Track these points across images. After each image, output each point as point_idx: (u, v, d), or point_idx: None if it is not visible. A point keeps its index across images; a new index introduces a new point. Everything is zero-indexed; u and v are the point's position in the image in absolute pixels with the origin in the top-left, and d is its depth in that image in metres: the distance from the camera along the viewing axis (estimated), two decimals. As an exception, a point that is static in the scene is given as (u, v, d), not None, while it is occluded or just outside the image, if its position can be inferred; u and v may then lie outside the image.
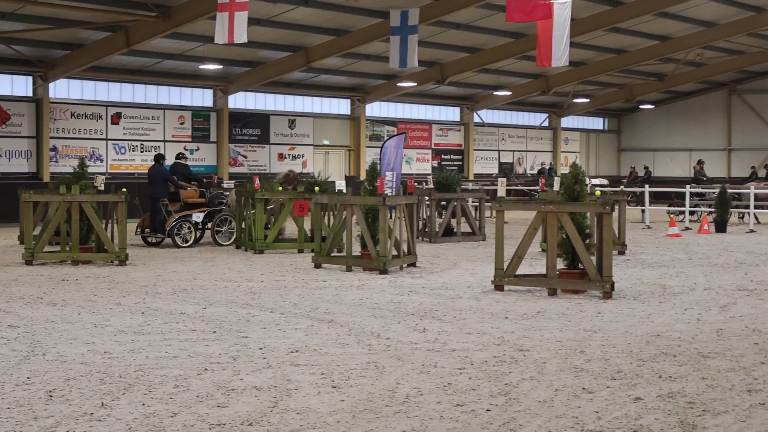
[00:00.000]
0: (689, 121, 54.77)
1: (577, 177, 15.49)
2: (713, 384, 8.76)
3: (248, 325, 11.96)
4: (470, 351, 10.27)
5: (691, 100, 54.68)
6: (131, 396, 8.22)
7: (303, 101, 42.65)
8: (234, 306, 13.59)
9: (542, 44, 26.76)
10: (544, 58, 26.78)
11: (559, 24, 26.22)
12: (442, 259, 20.77)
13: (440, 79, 41.34)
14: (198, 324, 11.99)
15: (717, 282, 16.56)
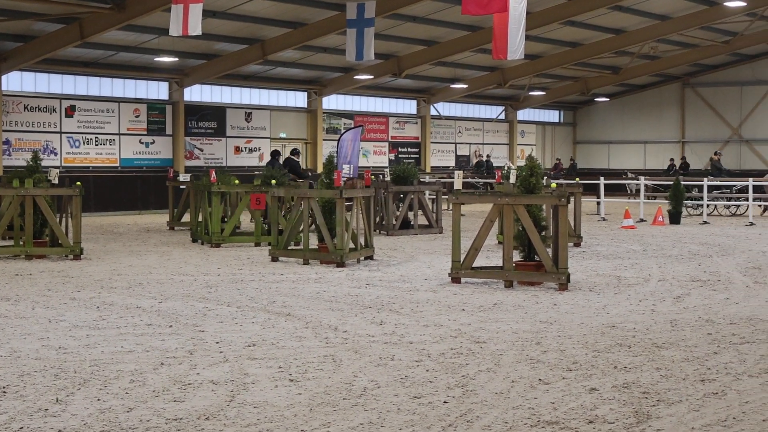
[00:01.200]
0: (644, 114, 55.18)
1: (533, 169, 15.56)
2: (667, 374, 8.85)
3: (205, 319, 11.91)
4: (427, 343, 10.30)
5: (645, 92, 55.08)
6: (86, 391, 8.17)
7: (259, 94, 42.50)
8: (190, 300, 13.54)
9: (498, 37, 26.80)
10: (500, 51, 26.82)
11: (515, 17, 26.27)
12: (399, 251, 20.80)
13: (397, 72, 41.36)
14: (154, 318, 11.93)
15: (671, 273, 16.72)
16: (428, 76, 45.58)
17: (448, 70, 44.69)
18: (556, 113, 57.73)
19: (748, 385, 8.45)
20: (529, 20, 29.84)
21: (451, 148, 51.09)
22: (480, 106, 52.66)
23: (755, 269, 17.29)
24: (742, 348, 10.06)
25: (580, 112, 57.94)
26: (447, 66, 43.50)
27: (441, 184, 29.65)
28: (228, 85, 40.89)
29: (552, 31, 39.36)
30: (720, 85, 52.65)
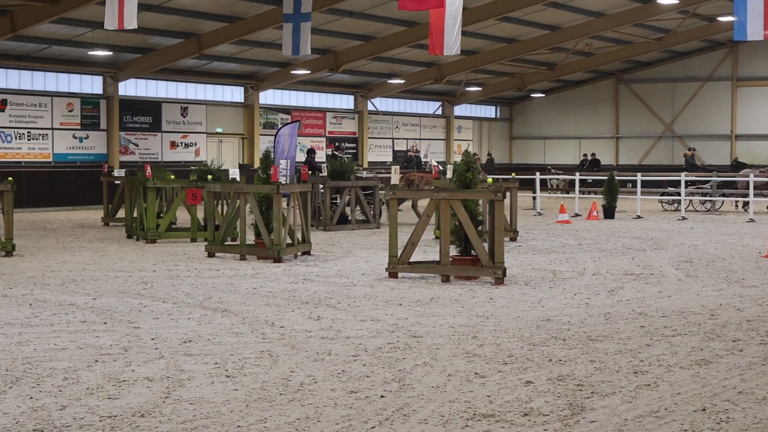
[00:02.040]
0: (579, 110, 55.68)
1: (470, 165, 15.63)
2: (601, 366, 8.95)
3: (140, 315, 11.82)
4: (364, 338, 10.31)
5: (580, 89, 55.59)
6: (18, 389, 8.06)
7: (195, 88, 42.19)
8: (125, 296, 13.41)
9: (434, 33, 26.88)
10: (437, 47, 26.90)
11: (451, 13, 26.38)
12: (336, 247, 20.80)
13: (334, 67, 41.29)
14: (88, 315, 11.81)
15: (605, 267, 16.91)
16: (365, 71, 45.58)
17: (386, 66, 44.72)
18: (493, 109, 58.05)
19: (679, 376, 8.57)
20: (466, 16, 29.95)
21: (388, 144, 51.16)
22: (417, 101, 52.78)
23: (687, 263, 17.55)
24: (674, 340, 10.21)
25: (517, 108, 58.32)
26: (384, 61, 43.52)
27: (378, 179, 29.68)
28: (163, 79, 40.53)
29: (488, 27, 39.55)
30: (653, 82, 53.28)
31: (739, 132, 50.93)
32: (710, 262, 17.61)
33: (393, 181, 26.54)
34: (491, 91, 52.97)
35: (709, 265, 17.25)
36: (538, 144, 56.64)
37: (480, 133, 56.92)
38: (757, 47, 48.45)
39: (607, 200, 29.83)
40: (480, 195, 15.59)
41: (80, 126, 37.59)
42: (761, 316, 11.79)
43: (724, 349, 9.77)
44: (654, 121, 53.41)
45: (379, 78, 47.13)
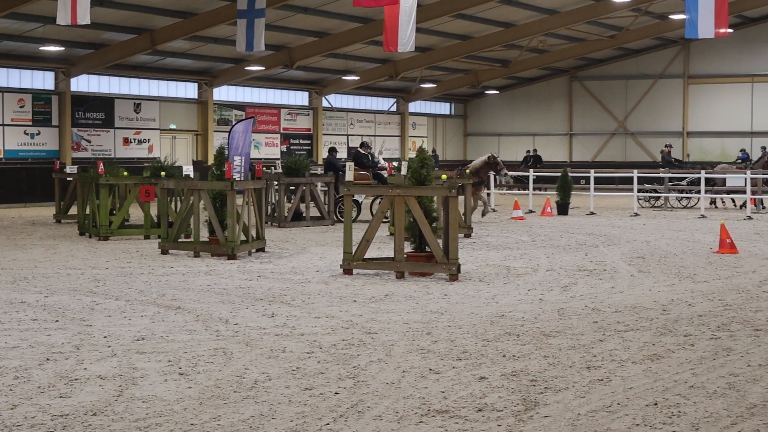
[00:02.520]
0: (532, 107, 55.97)
1: (424, 161, 15.65)
2: (554, 362, 9.01)
3: (92, 313, 11.72)
4: (319, 335, 10.30)
5: (534, 86, 55.87)
6: (-31, 388, 7.97)
7: (149, 84, 41.92)
8: (77, 294, 13.30)
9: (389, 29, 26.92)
10: (391, 44, 26.94)
11: (406, 9, 26.42)
12: (291, 243, 20.76)
13: (289, 64, 41.21)
14: (39, 313, 11.69)
15: (559, 263, 17.01)
16: (320, 67, 45.52)
17: (340, 62, 44.70)
18: (447, 105, 58.19)
19: (632, 371, 8.64)
20: (420, 13, 30.00)
21: (343, 140, 51.12)
22: (372, 98, 52.79)
23: (639, 259, 17.70)
24: (626, 335, 10.29)
25: (471, 105, 58.51)
26: (339, 58, 43.50)
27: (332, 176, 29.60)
28: (116, 75, 40.23)
29: (443, 24, 39.66)
30: (606, 79, 53.67)
31: (690, 129, 51.45)
32: (662, 258, 17.77)
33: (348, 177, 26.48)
34: (446, 88, 53.10)
35: (661, 260, 17.41)
36: (492, 141, 56.85)
37: (435, 130, 57.05)
38: (708, 45, 48.97)
39: (560, 197, 30.00)
40: (434, 191, 15.62)
41: (32, 122, 37.23)
42: (712, 311, 11.92)
43: (675, 343, 9.86)
44: (607, 118, 53.80)
45: (333, 74, 47.09)
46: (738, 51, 49.49)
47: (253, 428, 6.92)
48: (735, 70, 49.91)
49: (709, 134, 50.33)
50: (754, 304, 12.42)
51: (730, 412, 7.33)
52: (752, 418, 7.18)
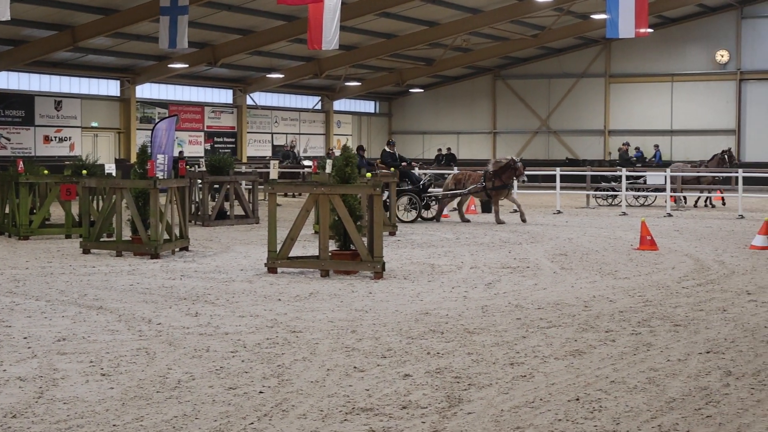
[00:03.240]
0: (457, 105, 56.26)
1: (349, 159, 15.66)
2: (478, 359, 9.07)
3: (12, 314, 11.53)
4: (243, 334, 10.26)
5: (458, 84, 56.16)
6: None
7: (70, 82, 41.34)
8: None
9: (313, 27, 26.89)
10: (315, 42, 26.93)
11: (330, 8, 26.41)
12: (215, 242, 20.63)
13: (212, 61, 40.94)
14: (-43, 314, 11.48)
15: (483, 260, 17.13)
16: (244, 65, 45.30)
17: (265, 60, 44.52)
18: (372, 104, 58.26)
19: (554, 367, 8.74)
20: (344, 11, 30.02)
21: (267, 138, 50.93)
22: (297, 96, 52.67)
23: (562, 256, 17.89)
24: (549, 332, 10.40)
25: (396, 103, 58.64)
26: (263, 56, 43.33)
27: (257, 174, 29.53)
28: (36, 72, 39.60)
29: (367, 23, 39.71)
30: (529, 78, 54.15)
31: (612, 127, 52.12)
32: (584, 255, 17.99)
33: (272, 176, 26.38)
34: (370, 86, 53.16)
35: (583, 257, 17.62)
36: (417, 139, 57.05)
37: (359, 128, 57.10)
38: (629, 45, 49.66)
39: (485, 195, 30.14)
40: (359, 189, 15.64)
41: (-52, 120, 36.49)
42: (633, 307, 12.10)
43: (597, 339, 9.99)
44: (530, 116, 54.29)
45: (258, 72, 46.89)
46: (658, 51, 50.27)
47: (177, 428, 6.87)
48: (655, 69, 50.68)
49: (630, 133, 51.00)
50: (673, 300, 12.64)
51: (650, 406, 7.45)
52: (672, 412, 7.31)
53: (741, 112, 49.21)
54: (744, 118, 49.24)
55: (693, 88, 50.18)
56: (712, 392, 7.86)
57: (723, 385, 8.10)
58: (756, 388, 8.01)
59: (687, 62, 50.09)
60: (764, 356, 9.21)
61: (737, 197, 29.01)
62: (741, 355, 9.27)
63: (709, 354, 9.31)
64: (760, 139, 48.01)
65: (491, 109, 55.48)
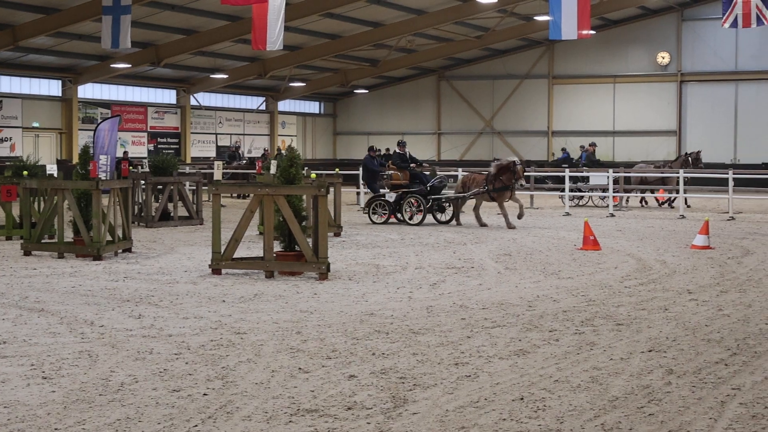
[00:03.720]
0: (401, 106, 56.34)
1: (293, 160, 15.63)
2: (423, 359, 9.09)
3: (-49, 316, 11.36)
4: (187, 336, 10.19)
5: (403, 85, 56.25)
6: None
7: (10, 81, 40.80)
8: (-65, 297, 12.87)
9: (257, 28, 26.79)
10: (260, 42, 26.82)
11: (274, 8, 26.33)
12: (158, 243, 20.48)
13: (156, 61, 40.64)
14: None
15: (427, 261, 17.17)
16: (188, 65, 45.02)
17: (208, 60, 44.28)
18: (317, 104, 58.16)
19: (499, 367, 8.78)
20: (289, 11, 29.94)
21: (212, 139, 50.66)
22: (241, 96, 52.44)
23: (506, 256, 17.99)
24: (493, 332, 10.45)
25: (341, 104, 58.61)
26: (207, 56, 43.09)
27: (201, 175, 29.36)
28: (-25, 72, 39.08)
29: (312, 23, 39.64)
30: (473, 79, 54.37)
31: (555, 128, 52.50)
32: (528, 255, 18.10)
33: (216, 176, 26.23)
34: (315, 87, 53.08)
35: (527, 257, 17.73)
36: (362, 139, 57.04)
37: (304, 129, 56.98)
38: (572, 46, 50.07)
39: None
40: (303, 190, 15.61)
41: None
42: (576, 306, 12.19)
43: (541, 339, 10.05)
44: (474, 117, 54.52)
45: (201, 72, 46.63)
46: (600, 52, 50.73)
47: (120, 432, 6.81)
48: (597, 70, 51.13)
49: (573, 134, 51.41)
50: (616, 300, 12.76)
51: (593, 405, 7.51)
52: (614, 410, 7.37)
53: (682, 113, 49.81)
54: (684, 119, 49.84)
55: (635, 89, 50.70)
56: (654, 390, 7.94)
57: (665, 383, 8.19)
58: (697, 386, 8.10)
59: (629, 64, 50.61)
60: (705, 354, 9.33)
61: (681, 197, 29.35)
62: (682, 353, 9.38)
63: (652, 353, 9.40)
64: (700, 140, 48.57)
65: (436, 109, 55.63)
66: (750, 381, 8.27)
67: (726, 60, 48.45)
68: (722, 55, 48.43)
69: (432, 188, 25.35)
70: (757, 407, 7.45)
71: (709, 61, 48.78)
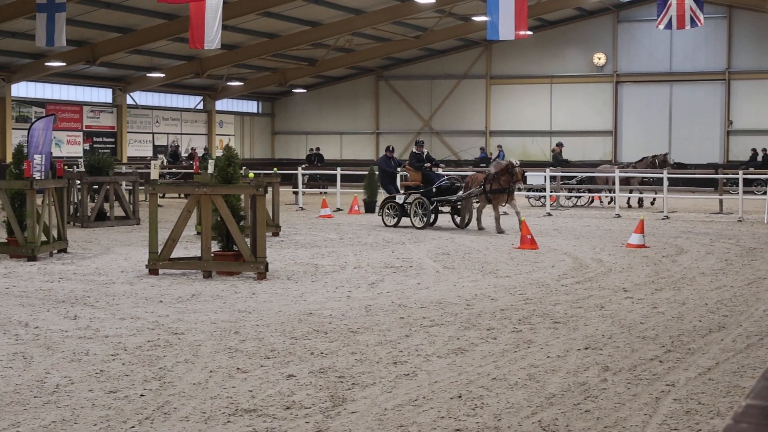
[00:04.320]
0: (340, 106, 56.29)
1: (231, 159, 15.56)
2: (362, 358, 9.10)
3: None
4: (124, 336, 10.10)
5: (341, 85, 56.20)
6: None
7: (-59, 80, 40.13)
8: None
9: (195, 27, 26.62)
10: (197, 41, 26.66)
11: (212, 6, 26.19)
12: (94, 244, 20.27)
13: (91, 60, 40.16)
14: None
15: (366, 260, 17.19)
16: (124, 64, 44.58)
17: (145, 59, 43.88)
18: (255, 104, 57.91)
19: (437, 365, 8.82)
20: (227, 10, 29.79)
21: (148, 138, 50.21)
22: (178, 95, 52.03)
23: (444, 255, 18.06)
24: (432, 330, 10.49)
25: (279, 103, 58.41)
26: (143, 54, 42.70)
27: (138, 174, 29.10)
28: None
29: (249, 22, 39.46)
30: (412, 79, 54.47)
31: (493, 128, 52.77)
32: (466, 254, 18.19)
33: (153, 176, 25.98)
34: (253, 86, 52.84)
35: (465, 256, 17.82)
36: (301, 139, 56.91)
37: (242, 128, 56.70)
38: (509, 47, 50.37)
39: (368, 195, 30.28)
40: (241, 190, 15.55)
41: None
42: (514, 305, 12.28)
43: (479, 337, 10.11)
44: (413, 117, 54.62)
45: (138, 71, 46.20)
46: (538, 53, 51.09)
47: (55, 434, 6.73)
48: (535, 71, 51.49)
49: (511, 133, 51.73)
50: (553, 298, 12.87)
51: (530, 402, 7.58)
52: (551, 407, 7.44)
53: (618, 113, 50.34)
54: (621, 119, 50.38)
55: (571, 89, 51.14)
56: (590, 387, 8.03)
57: (601, 380, 8.28)
58: (632, 382, 8.20)
59: (566, 64, 51.03)
60: (640, 351, 9.44)
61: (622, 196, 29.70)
62: (618, 350, 9.49)
63: (588, 350, 9.50)
64: (635, 139, 49.15)
65: (374, 109, 55.67)
66: (684, 377, 8.39)
67: (661, 61, 49.07)
68: (657, 56, 49.04)
69: (438, 189, 23.97)
70: (690, 403, 7.57)
71: (645, 62, 49.36)
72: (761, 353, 9.34)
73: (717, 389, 7.98)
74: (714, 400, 7.67)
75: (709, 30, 46.05)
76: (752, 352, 9.44)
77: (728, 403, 7.54)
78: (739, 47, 47.73)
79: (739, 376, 8.42)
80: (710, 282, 14.50)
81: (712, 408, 7.44)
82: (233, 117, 55.96)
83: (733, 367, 8.79)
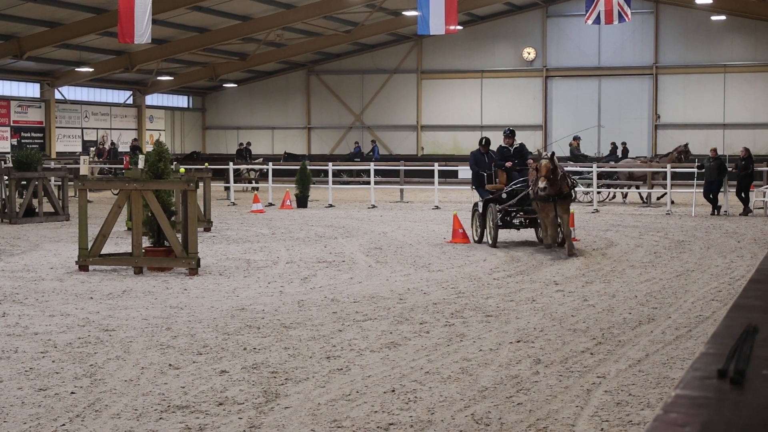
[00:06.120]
0: (271, 100, 56.08)
1: (162, 155, 15.44)
2: (295, 353, 9.09)
3: None
4: (53, 333, 9.98)
5: (272, 79, 55.99)
6: None
7: None
8: None
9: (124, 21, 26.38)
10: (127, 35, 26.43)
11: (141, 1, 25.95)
12: (23, 240, 19.98)
13: (18, 54, 39.54)
14: None
15: (298, 255, 17.16)
16: (52, 58, 43.96)
17: (74, 53, 43.31)
18: (185, 98, 57.47)
19: (370, 360, 8.84)
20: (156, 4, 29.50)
21: (78, 134, 49.59)
22: (108, 90, 51.45)
23: (377, 249, 18.09)
24: (365, 325, 10.51)
25: (209, 98, 58.03)
26: (72, 49, 42.13)
27: (67, 170, 28.73)
28: None
29: (180, 16, 39.14)
30: (343, 73, 54.45)
31: (424, 123, 52.94)
32: (399, 249, 18.24)
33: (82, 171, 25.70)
34: (183, 81, 52.44)
35: (397, 251, 17.87)
36: (232, 134, 56.61)
37: (173, 123, 56.25)
38: (440, 41, 50.54)
39: (299, 189, 30.22)
40: (172, 185, 15.43)
41: None
42: (446, 299, 12.34)
43: (412, 331, 10.15)
44: (344, 111, 54.61)
45: (66, 66, 45.59)
46: (468, 48, 51.35)
47: (-16, 433, 6.64)
48: (465, 66, 51.74)
49: (442, 128, 51.93)
50: (485, 291, 12.96)
51: (463, 395, 7.63)
52: (484, 400, 7.50)
53: (547, 107, 50.80)
54: (550, 113, 50.85)
55: (502, 84, 51.48)
56: (522, 380, 8.10)
57: (533, 372, 8.37)
58: (564, 375, 8.30)
59: (496, 59, 51.36)
60: (571, 344, 9.55)
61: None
62: (549, 343, 9.59)
63: (520, 343, 9.59)
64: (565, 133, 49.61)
65: (305, 104, 55.55)
66: (614, 369, 8.50)
67: (589, 56, 49.60)
68: (586, 50, 49.56)
69: (510, 194, 18.81)
70: (621, 394, 7.68)
71: (574, 56, 49.84)
72: (690, 345, 9.50)
73: (647, 381, 8.11)
74: (644, 391, 7.78)
75: (636, 25, 46.65)
76: (681, 343, 9.60)
77: (658, 394, 7.66)
78: (666, 42, 48.42)
79: (669, 368, 8.56)
80: (640, 274, 14.71)
81: (643, 399, 7.55)
82: (163, 112, 55.48)
83: (663, 358, 8.93)
